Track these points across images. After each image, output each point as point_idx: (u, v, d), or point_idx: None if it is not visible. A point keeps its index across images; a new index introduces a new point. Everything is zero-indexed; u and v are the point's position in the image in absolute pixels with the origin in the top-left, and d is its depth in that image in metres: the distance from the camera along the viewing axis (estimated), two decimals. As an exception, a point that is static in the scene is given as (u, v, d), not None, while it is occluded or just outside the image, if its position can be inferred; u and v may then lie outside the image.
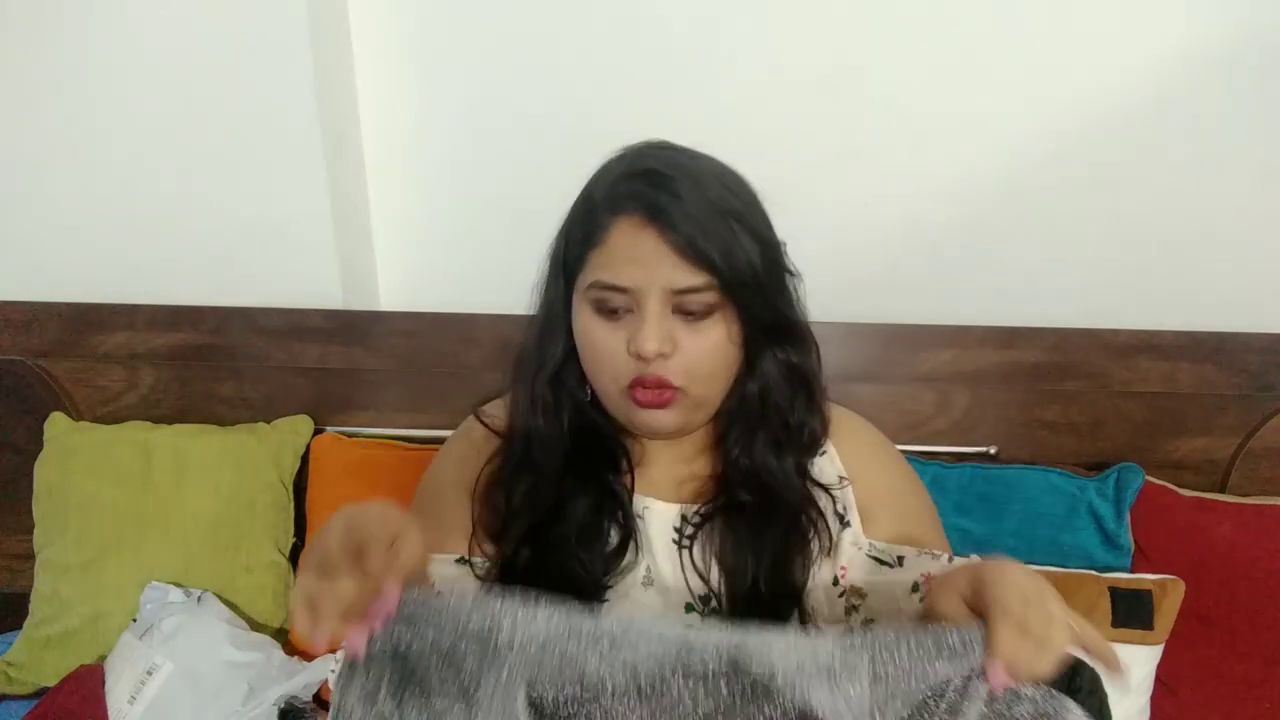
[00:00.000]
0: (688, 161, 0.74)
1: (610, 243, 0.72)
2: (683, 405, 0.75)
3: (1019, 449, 1.46)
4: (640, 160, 0.75)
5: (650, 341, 0.70)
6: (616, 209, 0.72)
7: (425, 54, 1.51)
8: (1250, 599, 1.29)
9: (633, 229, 0.71)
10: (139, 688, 1.25)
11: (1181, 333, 1.43)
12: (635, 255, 0.71)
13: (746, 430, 0.79)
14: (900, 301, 1.49)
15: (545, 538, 0.78)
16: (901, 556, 0.79)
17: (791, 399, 0.79)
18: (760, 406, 0.78)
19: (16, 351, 1.55)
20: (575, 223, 0.77)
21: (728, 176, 0.76)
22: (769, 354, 0.77)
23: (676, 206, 0.70)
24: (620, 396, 0.75)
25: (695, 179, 0.72)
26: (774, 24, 1.44)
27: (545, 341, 0.80)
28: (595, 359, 0.75)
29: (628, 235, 0.71)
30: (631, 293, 0.71)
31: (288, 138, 1.46)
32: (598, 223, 0.73)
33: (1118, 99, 1.43)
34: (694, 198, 0.70)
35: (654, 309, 0.71)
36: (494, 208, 1.57)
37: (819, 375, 0.81)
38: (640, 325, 0.71)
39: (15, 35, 1.45)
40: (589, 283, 0.73)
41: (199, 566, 1.43)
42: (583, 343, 0.76)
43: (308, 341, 1.52)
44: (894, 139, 1.48)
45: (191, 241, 1.55)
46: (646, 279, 0.71)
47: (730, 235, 0.71)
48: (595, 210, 0.74)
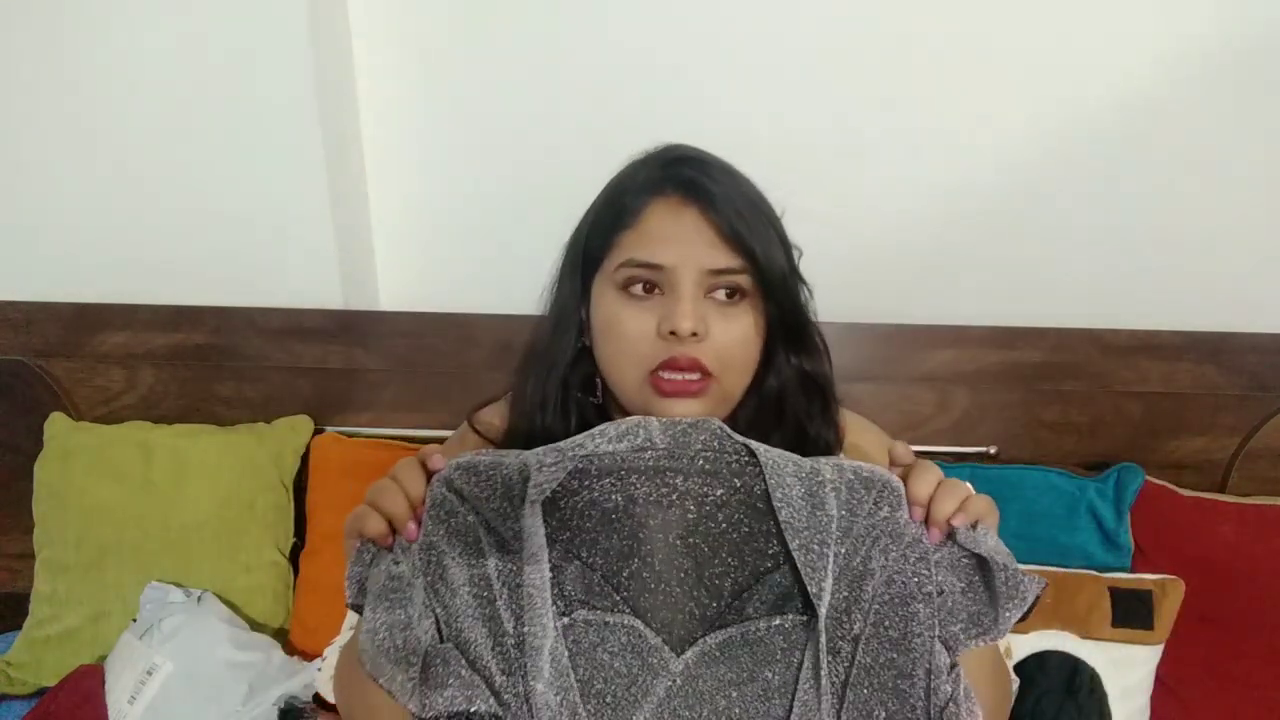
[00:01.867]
0: (717, 159, 0.77)
1: (645, 223, 0.73)
2: (713, 395, 0.73)
3: (1019, 449, 1.46)
4: (673, 150, 0.77)
5: (685, 319, 0.69)
6: (653, 191, 0.73)
7: (425, 54, 1.51)
8: (1250, 599, 1.29)
9: (671, 208, 0.72)
10: (139, 688, 1.25)
11: (1181, 333, 1.43)
12: (673, 234, 0.71)
13: (761, 435, 0.78)
14: (900, 301, 1.49)
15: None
16: None
17: (809, 407, 0.78)
18: (777, 409, 0.77)
19: (16, 351, 1.55)
20: (600, 213, 0.77)
21: (753, 183, 0.77)
22: (785, 357, 0.77)
23: (717, 189, 0.71)
24: (641, 386, 0.73)
25: (728, 171, 0.75)
26: (774, 24, 1.44)
27: (556, 341, 0.79)
28: (620, 342, 0.73)
29: (665, 215, 0.72)
30: (667, 271, 0.71)
31: (288, 138, 1.46)
32: (629, 207, 0.74)
33: (1118, 99, 1.43)
34: (731, 186, 0.72)
35: (689, 289, 0.71)
36: (494, 208, 1.57)
37: (833, 386, 0.80)
38: (675, 303, 0.70)
39: (15, 36, 1.45)
40: (619, 263, 0.73)
41: (199, 566, 1.43)
42: (606, 328, 0.74)
43: (308, 341, 1.52)
44: (894, 139, 1.48)
45: (191, 241, 1.55)
46: (683, 257, 0.71)
47: (764, 226, 0.72)
48: (627, 195, 0.75)
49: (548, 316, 0.81)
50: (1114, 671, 1.25)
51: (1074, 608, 1.27)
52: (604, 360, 0.76)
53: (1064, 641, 1.26)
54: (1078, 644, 1.26)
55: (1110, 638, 1.26)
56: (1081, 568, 1.33)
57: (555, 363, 0.79)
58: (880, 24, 1.43)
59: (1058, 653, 1.25)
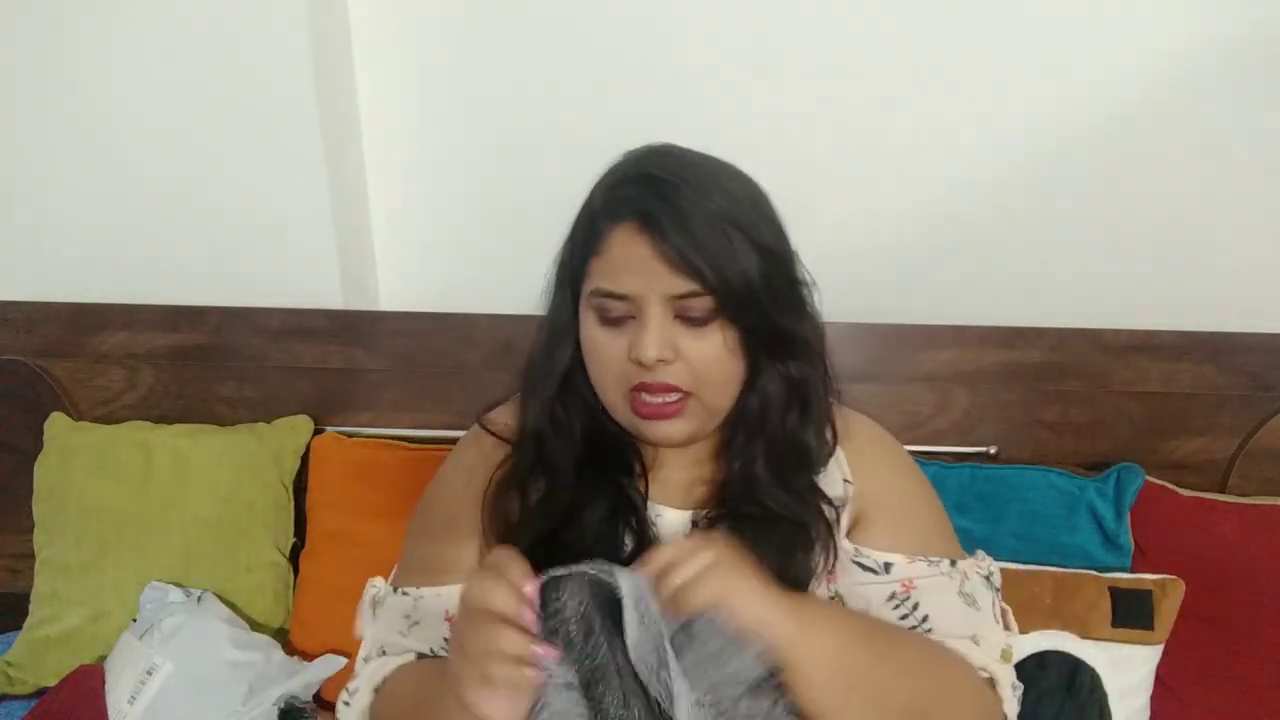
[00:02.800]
0: (692, 167, 0.73)
1: (609, 251, 0.72)
2: (694, 412, 0.74)
3: (1019, 449, 1.46)
4: (640, 165, 0.74)
5: (650, 348, 0.70)
6: (615, 217, 0.72)
7: (425, 54, 1.51)
8: (1250, 599, 1.29)
9: (629, 235, 0.71)
10: (139, 688, 1.25)
11: (1181, 333, 1.43)
12: (633, 263, 0.71)
13: (746, 441, 0.78)
14: (900, 301, 1.49)
15: (560, 543, 0.77)
16: (889, 563, 0.78)
17: (784, 414, 0.77)
18: (759, 418, 0.77)
19: (16, 351, 1.55)
20: (578, 231, 0.76)
21: (737, 184, 0.74)
22: (769, 366, 0.76)
23: (669, 215, 0.69)
24: (624, 406, 0.75)
25: (696, 185, 0.71)
26: (774, 24, 1.44)
27: (553, 349, 0.79)
28: (599, 367, 0.75)
29: (625, 242, 0.71)
30: (632, 300, 0.71)
31: (288, 138, 1.46)
32: (597, 231, 0.73)
33: (1118, 99, 1.43)
34: (690, 206, 0.69)
35: (654, 316, 0.71)
36: (494, 208, 1.57)
37: (822, 389, 0.79)
38: (641, 332, 0.71)
39: (15, 36, 1.45)
40: (591, 290, 0.73)
41: (199, 566, 1.43)
42: (588, 350, 0.76)
43: (308, 341, 1.52)
44: (893, 139, 1.48)
45: (191, 241, 1.55)
46: (643, 287, 0.71)
47: (726, 244, 0.70)
48: (595, 218, 0.74)
49: (545, 325, 0.81)
50: (1114, 671, 1.25)
51: (1074, 608, 1.27)
52: (591, 378, 0.77)
53: (1064, 641, 1.26)
54: (1078, 644, 1.26)
55: (1110, 638, 1.26)
56: (1081, 568, 1.32)
57: (553, 370, 0.79)
58: (880, 24, 1.43)
59: (1058, 653, 1.25)
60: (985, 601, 0.80)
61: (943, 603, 0.78)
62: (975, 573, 0.81)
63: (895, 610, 0.77)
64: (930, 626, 0.77)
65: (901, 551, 0.79)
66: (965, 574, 0.80)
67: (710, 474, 0.82)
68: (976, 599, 0.79)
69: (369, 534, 1.41)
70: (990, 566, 0.83)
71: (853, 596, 0.78)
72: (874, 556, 0.78)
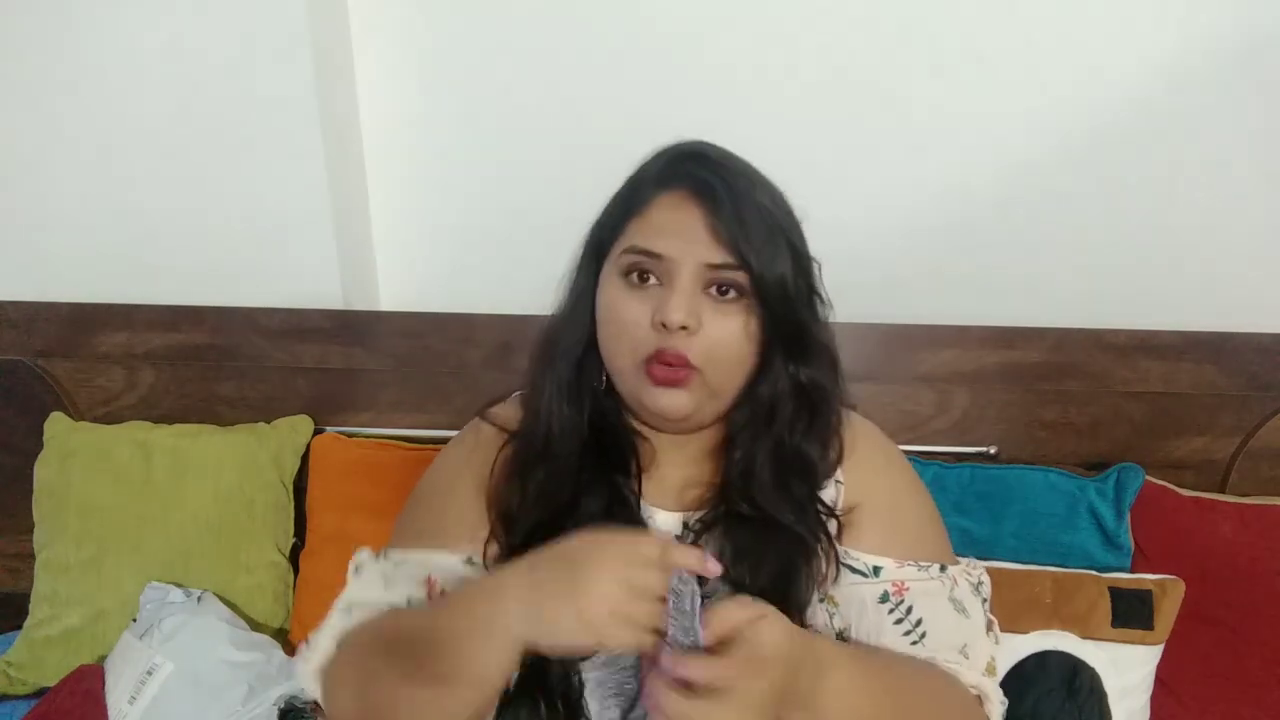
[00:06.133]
0: (740, 163, 0.77)
1: (652, 213, 0.74)
2: (697, 388, 0.73)
3: (1019, 449, 1.46)
4: (696, 146, 0.77)
5: (677, 311, 0.70)
6: (664, 184, 0.74)
7: (425, 53, 1.51)
8: (1250, 599, 1.29)
9: (676, 203, 0.73)
10: (139, 688, 1.25)
11: (1181, 333, 1.43)
12: (676, 227, 0.72)
13: (751, 438, 0.78)
14: (900, 301, 1.49)
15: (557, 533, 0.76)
16: (879, 567, 0.77)
17: (793, 420, 0.77)
18: (768, 416, 0.77)
19: (16, 351, 1.55)
20: (616, 201, 0.78)
21: (773, 187, 0.78)
22: (784, 365, 0.76)
23: (724, 190, 0.72)
24: (635, 372, 0.74)
25: (745, 175, 0.75)
26: (774, 24, 1.44)
27: (572, 326, 0.80)
28: (617, 328, 0.74)
29: (671, 209, 0.73)
30: (665, 261, 0.72)
31: (288, 138, 1.46)
32: (642, 196, 0.75)
33: (1118, 99, 1.43)
34: (741, 189, 0.73)
35: (685, 282, 0.72)
36: (494, 207, 1.57)
37: (831, 402, 0.79)
38: (669, 295, 0.71)
39: (16, 36, 1.45)
40: (624, 248, 0.74)
41: (199, 566, 1.43)
42: (606, 313, 0.75)
43: (308, 341, 1.52)
44: (894, 140, 1.48)
45: (191, 241, 1.55)
46: (682, 251, 0.72)
47: (767, 234, 0.72)
48: (641, 186, 0.76)
49: (564, 305, 0.82)
50: (1114, 671, 1.25)
51: (1074, 608, 1.27)
52: (602, 345, 0.77)
53: (1064, 641, 1.26)
54: (1078, 644, 1.26)
55: (1110, 638, 1.26)
56: (1081, 568, 1.33)
57: (568, 350, 0.79)
58: (880, 24, 1.43)
59: (1058, 653, 1.25)
60: (974, 609, 0.79)
61: (936, 610, 0.77)
62: (964, 579, 0.80)
63: (890, 614, 0.77)
64: (925, 631, 0.77)
65: (890, 554, 0.78)
66: (955, 580, 0.79)
67: (706, 475, 0.81)
68: (966, 607, 0.79)
69: (369, 534, 1.39)
70: (980, 574, 0.82)
71: (847, 600, 0.77)
72: (862, 559, 0.78)
